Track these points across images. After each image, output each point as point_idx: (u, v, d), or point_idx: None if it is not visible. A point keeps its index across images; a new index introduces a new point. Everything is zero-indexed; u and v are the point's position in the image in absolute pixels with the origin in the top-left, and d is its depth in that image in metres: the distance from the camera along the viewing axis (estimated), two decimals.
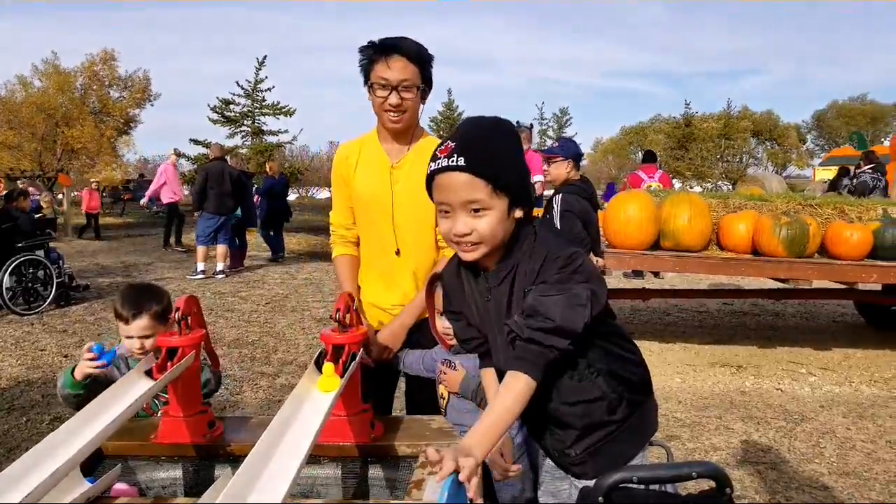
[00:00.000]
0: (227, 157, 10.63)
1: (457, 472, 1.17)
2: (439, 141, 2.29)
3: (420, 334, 2.27)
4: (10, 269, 6.87)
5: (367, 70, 2.10)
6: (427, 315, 2.23)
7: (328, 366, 1.62)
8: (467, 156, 1.34)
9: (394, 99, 2.07)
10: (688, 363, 5.22)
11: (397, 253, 2.24)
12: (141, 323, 2.07)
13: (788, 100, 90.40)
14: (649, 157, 9.27)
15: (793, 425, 3.98)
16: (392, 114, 2.11)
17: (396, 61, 2.05)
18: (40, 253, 7.30)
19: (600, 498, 1.03)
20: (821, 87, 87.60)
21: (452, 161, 1.35)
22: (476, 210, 1.35)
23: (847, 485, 3.19)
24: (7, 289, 6.85)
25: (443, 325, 1.98)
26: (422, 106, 2.18)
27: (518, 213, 1.41)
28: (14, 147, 18.89)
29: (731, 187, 28.03)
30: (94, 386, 1.97)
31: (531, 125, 7.57)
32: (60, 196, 15.38)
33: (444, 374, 1.97)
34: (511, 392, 1.31)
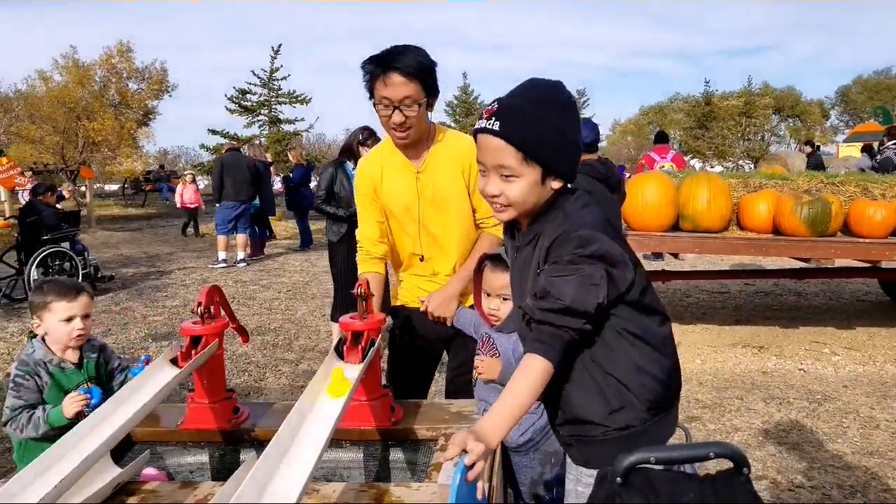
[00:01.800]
0: (245, 148, 10.73)
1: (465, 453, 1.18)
2: (457, 134, 2.33)
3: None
4: (36, 261, 7.02)
5: (369, 87, 2.09)
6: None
7: (337, 371, 1.62)
8: (503, 121, 1.34)
9: (397, 118, 2.06)
10: (708, 344, 5.20)
11: (421, 259, 2.30)
12: (83, 300, 2.11)
13: (810, 76, 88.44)
14: (661, 138, 9.27)
15: (815, 405, 3.95)
16: (397, 131, 2.10)
17: (396, 79, 2.01)
18: (66, 245, 7.44)
19: (618, 479, 1.04)
20: (844, 62, 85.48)
21: (490, 124, 1.35)
22: (507, 175, 1.36)
23: (871, 465, 3.16)
24: (35, 280, 6.99)
25: (489, 305, 1.99)
26: (429, 113, 2.17)
27: (555, 184, 1.39)
28: (36, 141, 19.20)
29: (752, 166, 27.57)
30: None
31: None
32: (84, 188, 15.60)
33: (482, 361, 1.93)
34: (526, 376, 1.30)
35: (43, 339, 2.11)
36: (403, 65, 2.01)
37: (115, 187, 26.89)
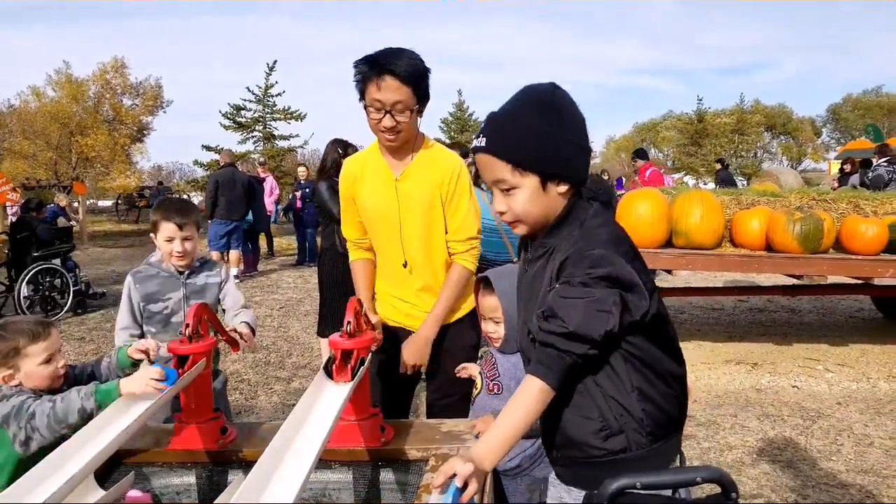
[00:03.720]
0: (238, 164, 10.70)
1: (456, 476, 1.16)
2: (445, 150, 2.32)
3: (450, 338, 2.29)
4: (27, 278, 6.96)
5: (360, 88, 2.06)
6: (452, 319, 2.28)
7: None
8: (488, 135, 1.33)
9: (388, 122, 2.04)
10: (702, 361, 5.19)
11: (405, 265, 2.26)
12: (55, 333, 1.93)
13: (802, 94, 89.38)
14: (640, 155, 9.45)
15: (809, 423, 3.94)
16: (387, 134, 2.09)
17: (389, 83, 1.98)
18: (56, 262, 7.38)
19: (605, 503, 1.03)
20: (834, 80, 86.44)
21: (479, 141, 1.34)
22: (506, 189, 1.34)
23: (865, 483, 3.15)
24: (25, 297, 6.94)
25: (485, 328, 1.99)
26: (419, 119, 2.15)
27: (560, 188, 1.33)
28: (30, 156, 19.17)
29: (745, 183, 27.73)
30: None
31: None
32: (76, 204, 15.56)
33: (478, 430, 1.83)
34: (523, 399, 1.26)
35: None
36: (398, 69, 1.97)
37: (108, 203, 26.83)
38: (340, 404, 1.56)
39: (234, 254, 9.46)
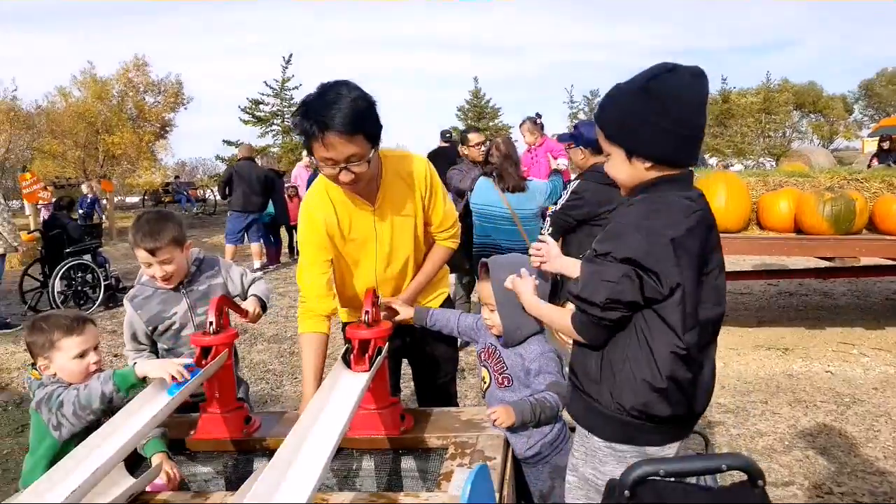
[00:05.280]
0: (257, 158, 10.78)
1: (485, 465, 1.15)
2: (404, 155, 2.17)
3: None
4: (60, 273, 7.12)
5: (307, 145, 1.89)
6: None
7: None
8: (599, 105, 1.55)
9: (345, 177, 1.87)
10: (731, 347, 5.09)
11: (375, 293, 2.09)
12: (91, 330, 1.95)
13: (832, 71, 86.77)
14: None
15: (844, 408, 3.84)
16: (347, 187, 1.94)
17: (335, 139, 1.79)
18: (87, 257, 7.54)
19: (626, 492, 1.00)
20: (866, 55, 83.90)
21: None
22: (607, 154, 1.53)
23: None
24: (59, 293, 7.11)
25: (483, 314, 1.98)
26: (375, 153, 1.94)
27: (643, 165, 1.45)
28: (58, 155, 19.57)
29: (774, 164, 27.14)
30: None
31: (536, 115, 7.44)
32: (104, 201, 15.85)
33: (495, 412, 1.79)
34: (559, 311, 1.57)
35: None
36: (341, 123, 1.78)
37: (135, 199, 27.29)
38: (359, 393, 1.56)
39: (255, 246, 9.54)
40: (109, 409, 1.74)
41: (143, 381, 1.76)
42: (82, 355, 1.88)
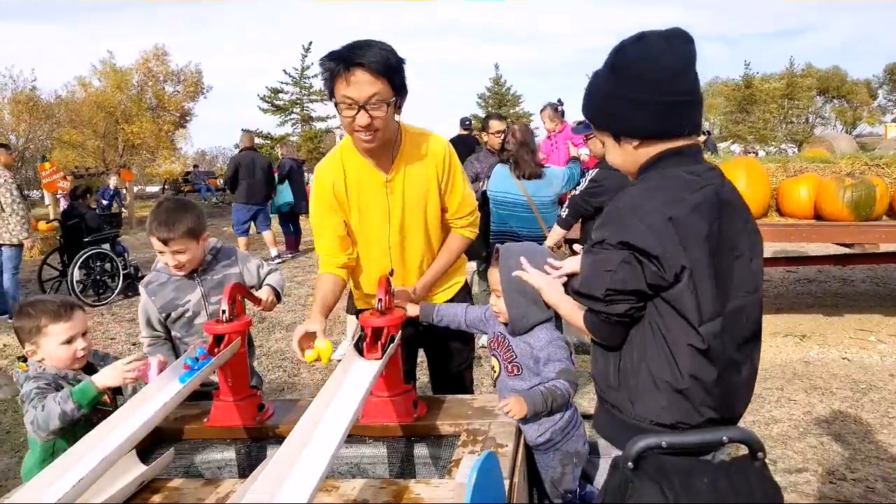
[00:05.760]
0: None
1: (493, 452, 1.16)
2: (429, 133, 2.17)
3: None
4: (79, 262, 7.23)
5: (329, 87, 1.88)
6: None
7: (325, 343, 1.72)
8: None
9: (362, 119, 1.85)
10: None
11: (391, 274, 2.09)
12: (80, 316, 1.93)
13: (856, 55, 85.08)
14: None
15: (860, 395, 3.81)
16: (362, 134, 1.89)
17: (360, 77, 1.80)
18: (106, 246, 7.64)
19: (629, 464, 1.01)
20: (893, 38, 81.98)
21: None
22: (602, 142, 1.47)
23: None
24: (77, 282, 7.21)
25: (491, 301, 1.98)
26: (397, 116, 1.97)
27: (630, 144, 1.37)
28: (78, 145, 19.82)
29: (796, 150, 26.71)
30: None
31: (558, 101, 7.33)
32: (124, 191, 16.05)
33: (508, 404, 1.79)
34: (574, 306, 1.45)
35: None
36: (368, 60, 1.80)
37: (155, 189, 27.60)
38: (370, 381, 1.57)
39: (266, 235, 9.56)
40: (70, 425, 1.73)
41: (104, 393, 1.75)
42: (70, 341, 1.87)
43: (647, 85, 1.32)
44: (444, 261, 2.22)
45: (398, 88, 1.89)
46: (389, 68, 1.84)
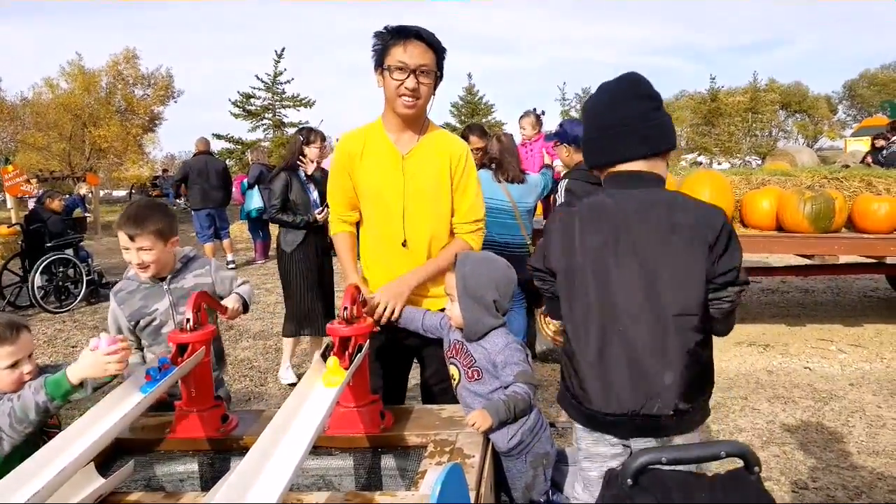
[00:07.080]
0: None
1: (458, 464, 1.16)
2: (447, 132, 2.32)
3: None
4: (40, 268, 7.04)
5: (381, 54, 2.09)
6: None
7: (333, 360, 1.63)
8: None
9: (411, 83, 2.07)
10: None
11: (404, 244, 2.20)
12: (25, 338, 1.81)
13: (817, 70, 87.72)
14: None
15: (821, 404, 3.90)
16: (407, 98, 2.09)
17: (416, 46, 2.06)
18: (69, 252, 7.46)
19: (628, 480, 1.01)
20: (851, 56, 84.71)
21: None
22: None
23: (877, 465, 3.11)
24: (39, 287, 7.02)
25: (445, 307, 2.01)
26: (432, 97, 2.17)
27: (599, 172, 1.77)
28: (43, 148, 19.33)
29: (760, 162, 27.36)
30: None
31: (539, 110, 7.40)
32: (90, 195, 15.69)
33: (472, 417, 1.82)
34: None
35: None
36: (425, 34, 2.08)
37: (122, 193, 27.04)
38: (336, 391, 1.56)
39: (226, 242, 9.54)
40: (47, 418, 1.66)
41: (81, 386, 1.68)
42: (14, 365, 1.74)
43: (590, 122, 1.78)
44: (440, 258, 2.23)
45: (441, 66, 2.15)
46: (440, 47, 2.13)
